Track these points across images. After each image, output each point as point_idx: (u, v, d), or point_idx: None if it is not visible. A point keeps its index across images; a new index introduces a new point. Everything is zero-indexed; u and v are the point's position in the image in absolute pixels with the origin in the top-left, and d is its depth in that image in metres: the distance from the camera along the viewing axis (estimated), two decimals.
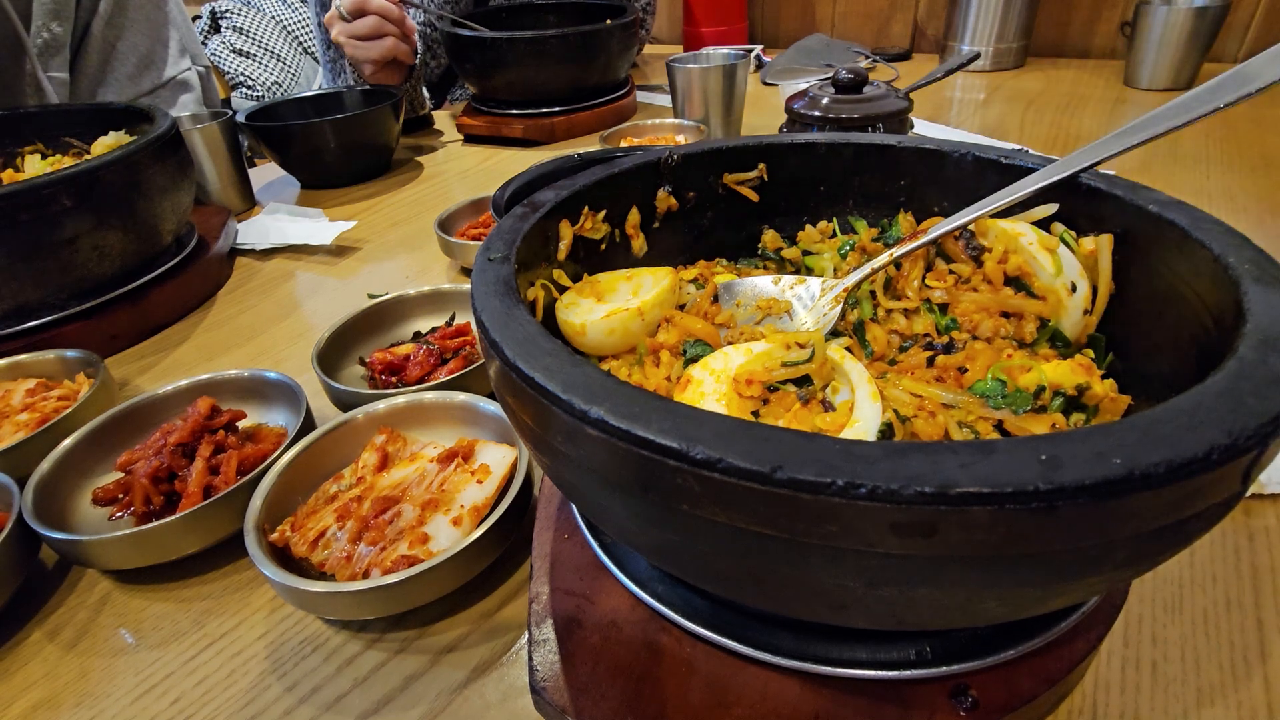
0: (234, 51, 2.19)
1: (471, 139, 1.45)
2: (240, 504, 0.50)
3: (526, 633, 0.45)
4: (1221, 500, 0.25)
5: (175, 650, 0.48)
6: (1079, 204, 0.44)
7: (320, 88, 1.48)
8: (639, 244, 0.54)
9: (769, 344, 0.41)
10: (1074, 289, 0.43)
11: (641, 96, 1.62)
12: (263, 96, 2.18)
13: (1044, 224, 0.46)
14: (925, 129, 1.28)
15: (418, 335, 0.75)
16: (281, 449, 0.55)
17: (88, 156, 0.92)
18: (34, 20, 1.25)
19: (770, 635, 0.38)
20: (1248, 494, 0.51)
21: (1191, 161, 1.10)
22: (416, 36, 1.38)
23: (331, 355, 0.69)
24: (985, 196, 0.44)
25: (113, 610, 0.52)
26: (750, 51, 1.78)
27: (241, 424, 0.61)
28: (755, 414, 0.38)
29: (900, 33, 1.95)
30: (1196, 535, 0.26)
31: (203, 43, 2.14)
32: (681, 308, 0.50)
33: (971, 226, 0.46)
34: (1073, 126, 1.28)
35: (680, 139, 1.24)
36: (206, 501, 0.51)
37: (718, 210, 0.56)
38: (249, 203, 1.21)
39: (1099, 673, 0.42)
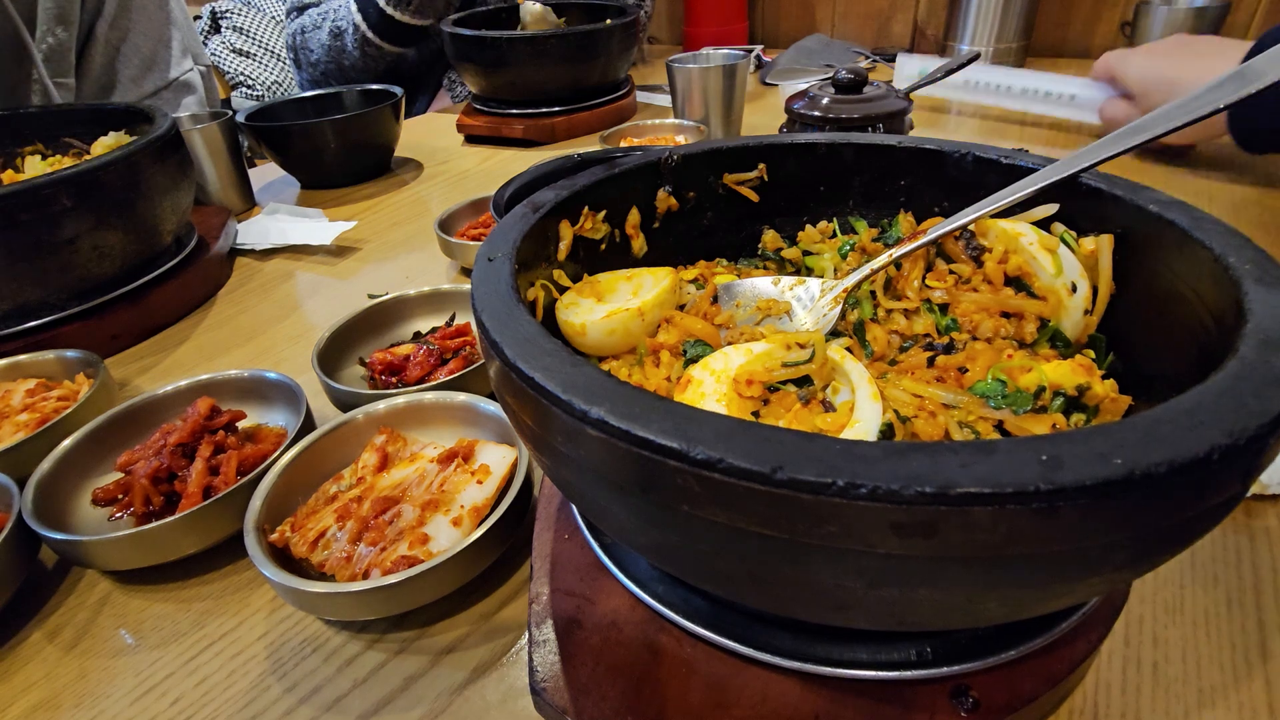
0: (234, 51, 2.19)
1: (471, 139, 1.45)
2: (240, 504, 0.50)
3: (526, 633, 0.44)
4: (1222, 501, 0.25)
5: (175, 651, 0.48)
6: (1079, 204, 0.44)
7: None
8: (639, 244, 0.54)
9: (769, 344, 0.41)
10: (1074, 289, 0.43)
11: (641, 96, 1.62)
12: (263, 96, 2.18)
13: (1044, 224, 0.46)
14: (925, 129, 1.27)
15: (418, 335, 0.75)
16: (281, 449, 0.55)
17: (88, 157, 0.92)
18: (39, 25, 1.24)
19: (770, 635, 0.38)
20: (1249, 494, 0.51)
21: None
22: None
23: (331, 355, 0.69)
24: (985, 197, 0.44)
25: (112, 611, 0.52)
26: (750, 51, 1.78)
27: (241, 424, 0.61)
28: (755, 414, 0.38)
29: (900, 33, 1.95)
30: (1197, 536, 0.26)
31: (203, 43, 2.14)
32: (681, 308, 0.50)
33: (972, 227, 0.46)
34: (1072, 126, 1.28)
35: (680, 139, 1.24)
36: (206, 502, 0.51)
37: (718, 210, 0.56)
38: (249, 203, 1.21)
39: (1100, 673, 0.42)
